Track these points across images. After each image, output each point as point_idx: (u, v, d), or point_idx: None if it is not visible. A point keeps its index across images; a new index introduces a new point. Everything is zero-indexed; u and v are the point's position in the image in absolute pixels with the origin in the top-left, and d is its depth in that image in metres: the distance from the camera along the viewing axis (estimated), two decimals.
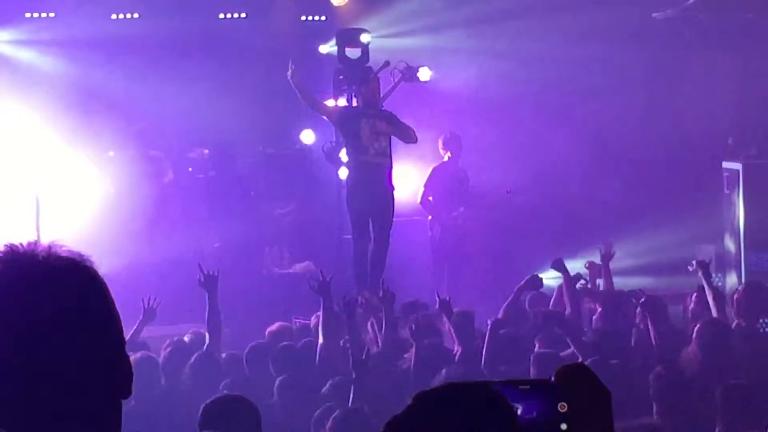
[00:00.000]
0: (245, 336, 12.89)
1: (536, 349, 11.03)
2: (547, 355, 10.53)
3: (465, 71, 18.78)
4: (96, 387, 2.92)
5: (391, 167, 15.83)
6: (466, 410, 3.15)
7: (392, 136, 15.82)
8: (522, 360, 10.75)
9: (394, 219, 15.87)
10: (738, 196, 17.32)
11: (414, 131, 15.62)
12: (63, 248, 2.96)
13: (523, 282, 13.44)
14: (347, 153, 15.95)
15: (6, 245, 2.93)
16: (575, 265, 14.65)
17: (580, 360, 9.59)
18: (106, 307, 2.97)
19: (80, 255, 2.97)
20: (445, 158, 18.11)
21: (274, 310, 15.19)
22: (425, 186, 17.97)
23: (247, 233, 18.31)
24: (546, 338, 11.29)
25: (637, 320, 12.21)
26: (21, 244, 2.93)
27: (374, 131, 15.45)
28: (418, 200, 18.01)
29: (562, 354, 10.81)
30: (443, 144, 18.08)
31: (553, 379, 3.32)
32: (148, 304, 12.33)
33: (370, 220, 15.67)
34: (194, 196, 18.54)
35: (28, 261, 2.91)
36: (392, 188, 15.81)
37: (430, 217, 18.04)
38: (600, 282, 14.59)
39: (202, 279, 12.25)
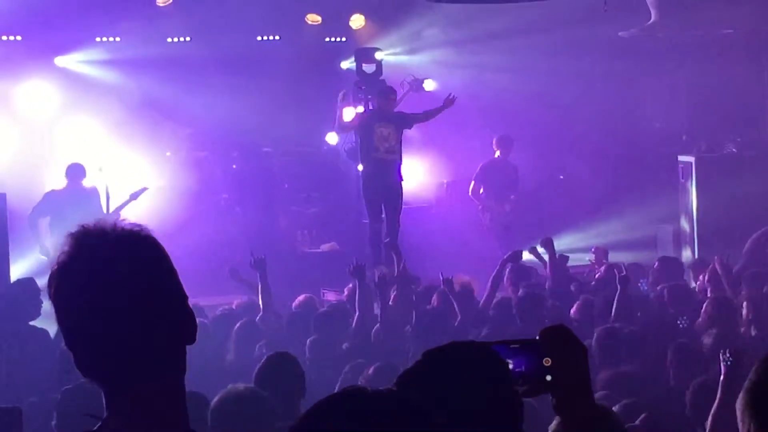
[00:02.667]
0: (283, 304, 12.90)
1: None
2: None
3: (462, 82, 18.73)
4: (163, 335, 2.94)
5: (401, 162, 15.84)
6: (468, 364, 3.19)
7: (403, 134, 15.90)
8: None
9: (403, 205, 15.93)
10: (691, 184, 17.28)
11: (418, 116, 15.84)
12: (126, 222, 2.99)
13: (506, 256, 13.36)
14: (362, 151, 15.97)
15: (78, 225, 2.96)
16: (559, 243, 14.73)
17: None
18: (167, 267, 2.98)
19: (140, 226, 2.99)
20: (496, 155, 17.63)
21: (305, 282, 15.18)
22: (475, 179, 17.43)
23: (281, 219, 18.37)
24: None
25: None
26: (91, 223, 2.97)
27: (383, 135, 15.52)
28: (470, 192, 17.52)
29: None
30: (496, 143, 17.62)
31: (537, 338, 3.36)
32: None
33: (382, 206, 15.72)
34: (237, 189, 18.52)
35: (98, 234, 2.93)
36: (401, 179, 15.84)
37: (480, 207, 17.62)
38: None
39: (253, 262, 12.31)
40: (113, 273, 2.90)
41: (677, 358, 8.79)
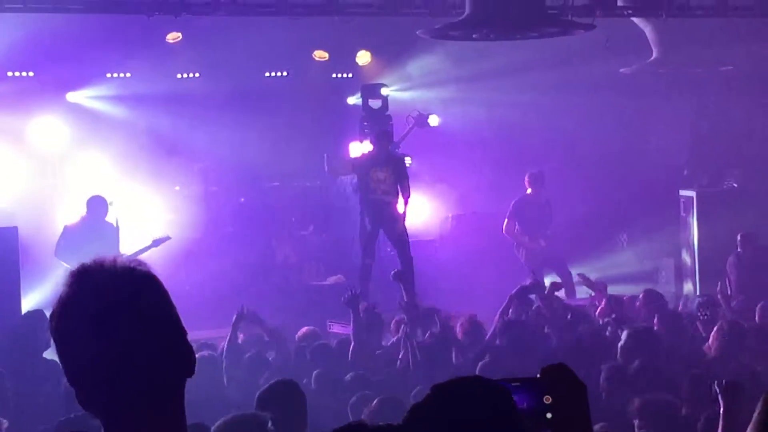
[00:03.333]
0: (291, 336, 12.83)
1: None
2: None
3: (466, 117, 18.75)
4: (162, 370, 2.94)
5: (397, 200, 15.77)
6: (478, 400, 3.17)
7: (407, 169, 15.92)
8: None
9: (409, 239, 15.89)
10: (693, 218, 17.29)
11: (408, 189, 15.52)
12: (124, 258, 2.99)
13: (513, 291, 13.27)
14: (360, 191, 15.93)
15: (79, 264, 2.96)
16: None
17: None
18: (165, 303, 2.98)
19: (139, 262, 3.00)
20: (528, 191, 17.17)
21: (311, 314, 15.15)
22: (509, 217, 17.03)
23: (290, 252, 18.34)
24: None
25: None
26: (90, 261, 2.96)
27: (379, 178, 15.52)
28: (503, 230, 17.08)
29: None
30: (528, 180, 17.15)
31: (538, 376, 3.34)
32: (241, 310, 12.00)
33: (390, 243, 15.75)
34: (245, 222, 18.52)
35: (98, 271, 2.93)
36: (398, 215, 15.75)
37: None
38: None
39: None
40: (113, 310, 2.89)
41: (692, 389, 8.75)
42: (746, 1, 15.96)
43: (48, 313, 3.06)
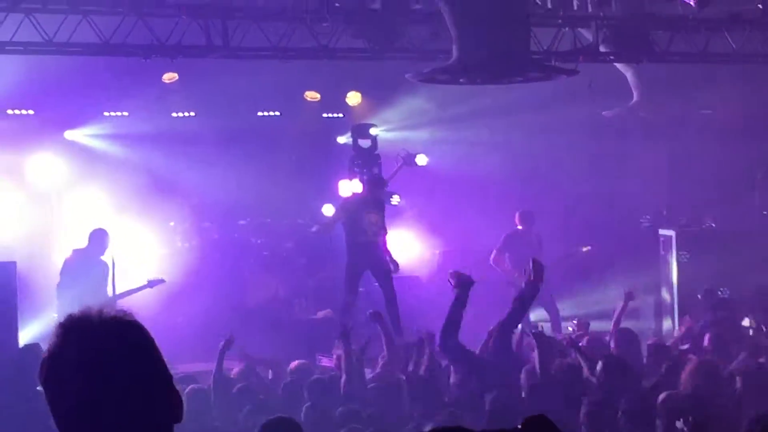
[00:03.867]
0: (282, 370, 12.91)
1: None
2: None
3: (452, 156, 18.91)
4: (150, 418, 2.98)
5: (385, 237, 15.95)
6: None
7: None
8: None
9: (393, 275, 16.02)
10: (672, 256, 17.44)
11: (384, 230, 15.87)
12: (110, 309, 3.04)
13: (491, 327, 13.30)
14: (350, 232, 15.99)
15: (66, 315, 3.02)
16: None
17: None
18: (152, 352, 3.03)
19: (125, 312, 3.05)
20: (519, 228, 17.31)
21: (301, 348, 15.25)
22: (498, 249, 17.18)
23: (280, 287, 18.42)
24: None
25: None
26: (77, 312, 3.02)
27: (371, 220, 15.69)
28: (491, 261, 17.19)
29: None
30: (518, 218, 17.30)
31: (519, 427, 3.40)
32: (228, 337, 12.03)
33: (376, 279, 15.88)
34: (237, 258, 18.64)
35: (86, 323, 2.99)
36: (387, 251, 15.94)
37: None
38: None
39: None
40: (100, 362, 2.95)
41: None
42: (724, 47, 16.14)
43: (44, 346, 3.12)
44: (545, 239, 17.37)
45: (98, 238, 15.13)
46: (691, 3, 14.91)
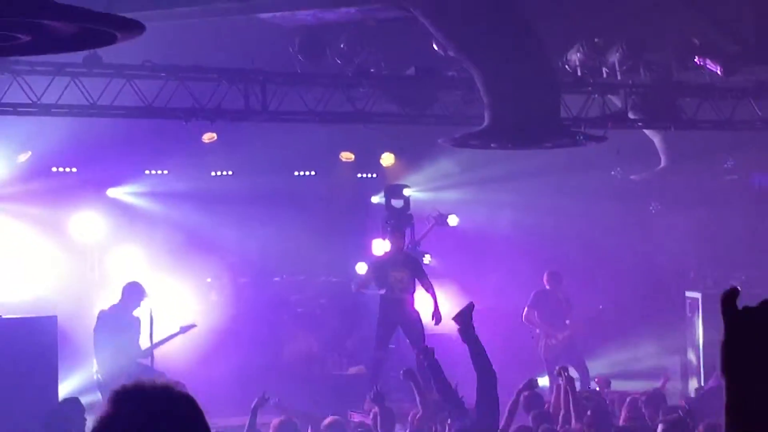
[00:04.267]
0: (315, 426, 12.99)
1: None
2: None
3: (483, 217, 19.03)
4: None
5: (413, 297, 16.03)
6: None
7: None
8: None
9: (425, 333, 16.08)
10: (698, 318, 17.46)
11: (431, 286, 15.85)
12: (161, 379, 3.18)
13: (521, 385, 13.38)
14: (378, 289, 16.11)
15: (119, 386, 3.10)
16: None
17: None
18: (201, 422, 3.10)
19: (176, 383, 3.18)
20: (547, 287, 17.33)
21: (333, 403, 15.32)
22: (529, 306, 17.20)
23: (313, 343, 18.51)
24: None
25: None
26: (129, 384, 3.09)
27: (397, 278, 15.76)
28: (523, 318, 17.28)
29: None
30: (547, 277, 17.32)
31: None
32: (262, 396, 12.04)
33: (407, 337, 15.93)
34: (272, 313, 18.76)
35: (137, 393, 3.07)
36: (415, 312, 16.04)
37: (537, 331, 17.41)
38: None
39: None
40: (149, 427, 3.02)
41: None
42: (751, 114, 16.26)
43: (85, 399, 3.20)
44: (575, 298, 17.45)
45: (131, 292, 14.92)
46: (718, 71, 15.03)
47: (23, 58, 12.67)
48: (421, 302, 16.41)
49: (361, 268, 19.05)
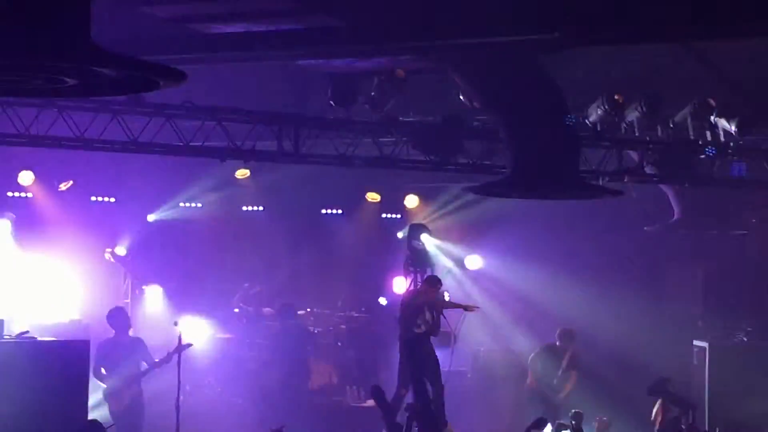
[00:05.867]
0: None
1: None
2: None
3: (497, 263, 18.97)
4: None
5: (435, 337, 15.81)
6: None
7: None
8: None
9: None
10: (705, 366, 17.30)
11: (438, 328, 15.48)
12: None
13: (530, 423, 13.24)
14: (406, 326, 15.86)
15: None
16: None
17: None
18: None
19: None
20: (557, 343, 16.92)
21: None
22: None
23: (331, 373, 18.46)
24: None
25: None
26: None
27: (425, 318, 15.50)
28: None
29: None
30: (558, 337, 16.91)
31: None
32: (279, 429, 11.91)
33: (423, 377, 15.68)
34: (294, 343, 18.67)
35: None
36: (432, 349, 15.80)
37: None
38: None
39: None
40: None
41: None
42: (763, 173, 16.17)
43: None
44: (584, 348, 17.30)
45: (115, 318, 14.40)
46: (732, 131, 14.94)
47: None
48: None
49: (383, 301, 19.03)
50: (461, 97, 14.19)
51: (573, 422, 13.47)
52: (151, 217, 18.82)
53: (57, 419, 12.36)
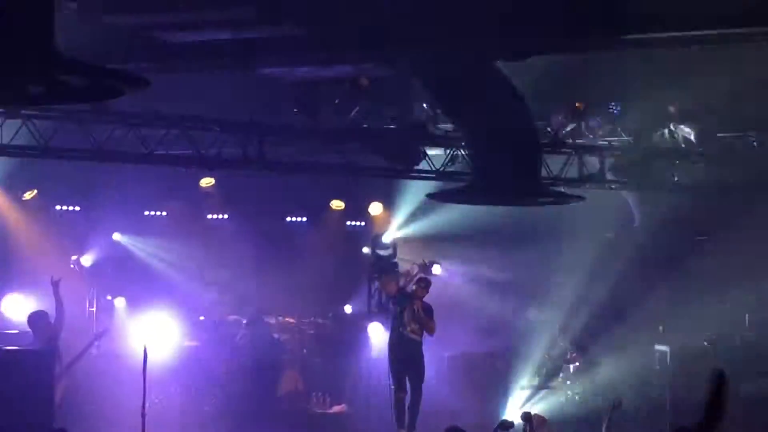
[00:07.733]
0: None
1: None
2: None
3: (463, 269, 19.02)
4: None
5: (422, 341, 15.75)
6: None
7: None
8: None
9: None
10: (666, 370, 17.40)
11: (434, 329, 15.61)
12: None
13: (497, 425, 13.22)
14: (392, 325, 15.74)
15: None
16: None
17: None
18: None
19: None
20: None
21: None
22: None
23: (297, 380, 18.42)
24: None
25: None
26: None
27: (415, 315, 15.43)
28: None
29: None
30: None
31: None
32: None
33: (407, 377, 15.60)
34: (258, 350, 18.67)
35: None
36: (422, 356, 15.75)
37: None
38: None
39: None
40: None
41: None
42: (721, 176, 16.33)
43: None
44: None
45: (34, 323, 13.97)
46: (692, 138, 15.11)
47: None
48: None
49: (348, 308, 19.05)
50: (424, 105, 14.27)
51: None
52: (116, 236, 18.75)
53: (23, 428, 12.27)
